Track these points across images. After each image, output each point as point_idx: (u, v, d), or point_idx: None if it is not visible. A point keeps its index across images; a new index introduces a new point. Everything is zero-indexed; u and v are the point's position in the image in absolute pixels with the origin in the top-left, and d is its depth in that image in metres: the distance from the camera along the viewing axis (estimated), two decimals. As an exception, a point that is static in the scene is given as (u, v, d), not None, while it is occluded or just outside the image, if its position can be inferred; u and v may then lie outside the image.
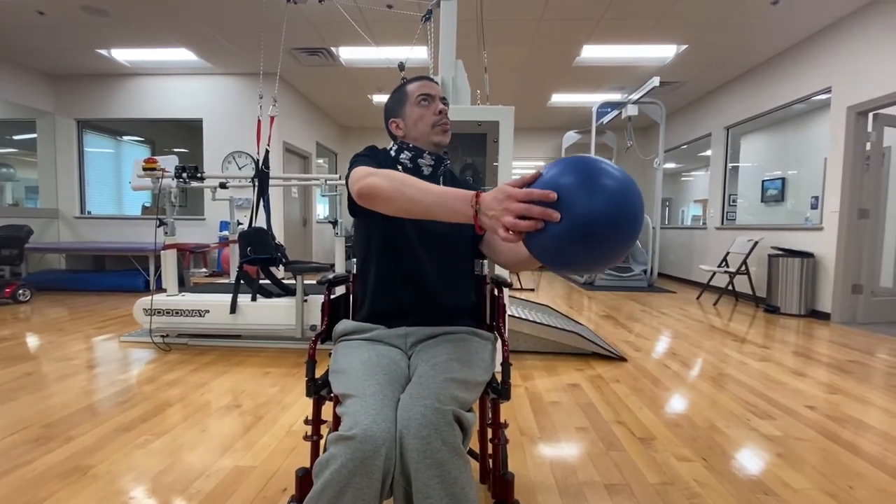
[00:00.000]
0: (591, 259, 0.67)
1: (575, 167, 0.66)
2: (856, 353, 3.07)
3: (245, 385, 2.28)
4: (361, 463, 0.74)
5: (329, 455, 0.76)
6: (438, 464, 0.76)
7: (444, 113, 1.10)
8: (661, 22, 4.32)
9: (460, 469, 0.78)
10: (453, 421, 0.80)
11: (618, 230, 0.65)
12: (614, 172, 0.67)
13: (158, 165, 3.01)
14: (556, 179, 0.66)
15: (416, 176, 1.07)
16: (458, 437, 0.80)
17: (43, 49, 5.16)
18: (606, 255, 0.66)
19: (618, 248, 0.66)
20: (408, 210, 0.80)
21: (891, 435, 1.84)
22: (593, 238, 0.64)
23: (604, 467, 1.55)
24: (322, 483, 0.74)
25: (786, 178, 6.93)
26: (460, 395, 0.86)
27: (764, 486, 1.45)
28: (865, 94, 3.89)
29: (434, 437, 0.77)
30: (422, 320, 1.11)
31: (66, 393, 2.13)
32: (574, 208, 0.64)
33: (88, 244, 5.73)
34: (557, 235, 0.65)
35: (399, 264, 1.10)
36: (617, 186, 0.65)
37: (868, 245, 4.06)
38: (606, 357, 2.85)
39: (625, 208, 0.65)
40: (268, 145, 3.07)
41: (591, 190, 0.64)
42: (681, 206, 12.26)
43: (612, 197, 0.64)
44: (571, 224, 0.64)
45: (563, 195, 0.64)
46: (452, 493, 0.76)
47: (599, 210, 0.63)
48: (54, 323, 3.58)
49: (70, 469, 1.47)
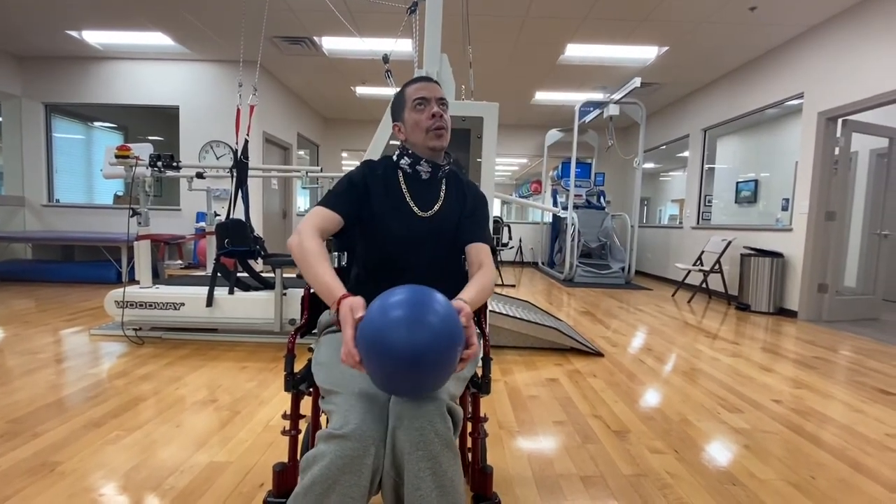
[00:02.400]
0: (403, 389, 0.78)
1: (365, 340, 0.75)
2: (820, 349, 3.21)
3: (221, 380, 2.24)
4: (351, 461, 0.74)
5: (318, 452, 0.76)
6: (430, 456, 0.77)
7: (437, 116, 1.07)
8: (643, 24, 4.39)
9: (450, 462, 0.79)
10: (446, 413, 0.81)
11: (402, 376, 0.74)
12: (392, 340, 0.73)
13: (132, 153, 2.91)
14: (358, 341, 0.77)
15: (415, 181, 1.12)
16: (451, 429, 0.81)
17: (9, 29, 4.92)
18: (410, 387, 0.77)
19: (418, 380, 0.75)
20: (306, 276, 0.95)
21: (851, 428, 1.93)
22: (393, 384, 0.77)
23: (580, 460, 1.58)
24: (310, 479, 0.74)
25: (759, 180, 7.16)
26: (451, 388, 0.87)
27: (732, 477, 1.50)
28: (836, 101, 4.04)
29: (428, 428, 0.77)
30: None
31: (33, 387, 2.05)
32: (368, 368, 0.77)
33: (57, 233, 5.50)
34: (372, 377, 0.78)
35: (386, 260, 1.10)
36: (391, 354, 0.73)
37: (834, 246, 4.23)
38: (584, 352, 2.90)
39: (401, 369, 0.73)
40: (247, 135, 3.00)
41: (372, 360, 0.75)
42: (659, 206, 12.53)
43: (388, 367, 0.74)
44: (371, 374, 0.77)
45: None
46: (442, 485, 0.77)
47: (383, 375, 0.75)
48: (20, 315, 3.44)
49: (37, 465, 1.42)
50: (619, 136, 8.86)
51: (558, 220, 7.90)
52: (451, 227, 1.13)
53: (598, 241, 7.28)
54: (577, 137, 6.73)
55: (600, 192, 7.85)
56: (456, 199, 1.16)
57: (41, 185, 5.97)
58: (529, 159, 9.88)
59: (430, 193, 1.13)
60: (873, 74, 3.70)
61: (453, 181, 1.19)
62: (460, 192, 1.18)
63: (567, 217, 6.68)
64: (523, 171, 13.28)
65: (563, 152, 8.42)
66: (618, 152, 8.39)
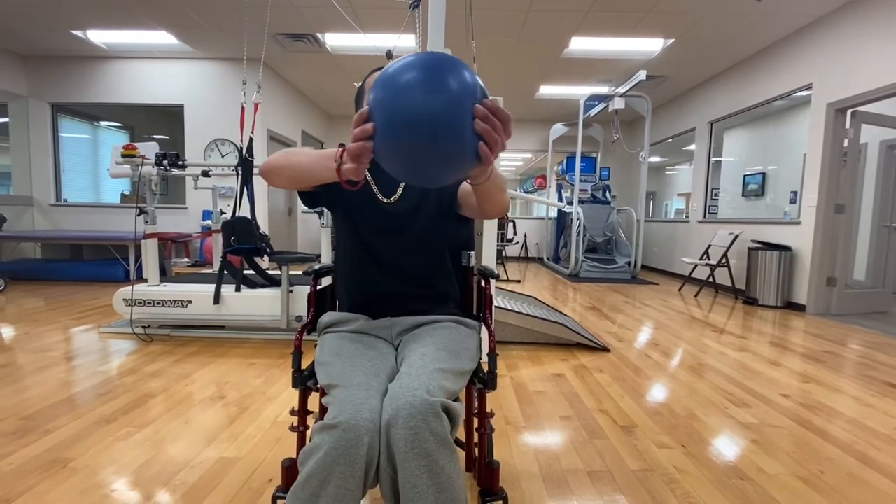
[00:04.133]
0: (416, 150, 0.65)
1: (378, 84, 0.66)
2: (829, 343, 3.18)
3: (229, 376, 2.26)
4: (345, 451, 0.75)
5: (314, 444, 0.77)
6: (426, 454, 0.77)
7: None
8: (647, 16, 4.34)
9: (447, 459, 0.79)
10: (441, 412, 0.81)
11: (413, 114, 0.63)
12: (405, 68, 0.64)
13: (138, 152, 2.93)
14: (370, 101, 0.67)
15: (377, 168, 1.11)
16: (447, 427, 0.81)
17: (15, 29, 4.95)
18: (422, 141, 0.64)
19: (431, 129, 0.63)
20: (295, 178, 0.86)
21: (860, 422, 1.91)
22: (396, 131, 0.64)
23: (586, 455, 1.58)
24: (307, 472, 0.75)
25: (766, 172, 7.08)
26: (448, 385, 0.87)
27: (739, 472, 1.50)
28: (845, 92, 3.98)
29: (422, 427, 0.77)
30: (403, 309, 1.11)
31: (44, 385, 2.08)
32: (376, 116, 0.65)
33: (65, 232, 5.56)
34: (377, 142, 0.66)
35: (370, 253, 1.11)
36: (407, 76, 0.63)
37: (843, 239, 4.19)
38: (590, 347, 2.90)
39: (411, 95, 0.62)
40: (252, 133, 3.01)
41: (387, 90, 0.64)
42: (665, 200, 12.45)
43: (398, 92, 0.63)
44: (378, 128, 0.65)
45: (372, 110, 0.66)
46: (439, 482, 0.77)
47: (399, 103, 0.63)
48: (30, 314, 3.48)
49: (49, 462, 1.44)
50: (625, 129, 8.79)
51: (563, 214, 7.87)
52: (423, 211, 1.12)
53: (603, 236, 7.24)
54: (581, 131, 6.68)
55: (605, 186, 7.80)
56: None
57: (49, 184, 6.01)
58: (534, 154, 9.83)
59: (393, 179, 1.12)
60: (883, 64, 3.64)
61: None
62: None
63: (572, 212, 6.65)
64: (528, 166, 13.23)
65: (567, 147, 8.38)
66: (623, 146, 8.33)
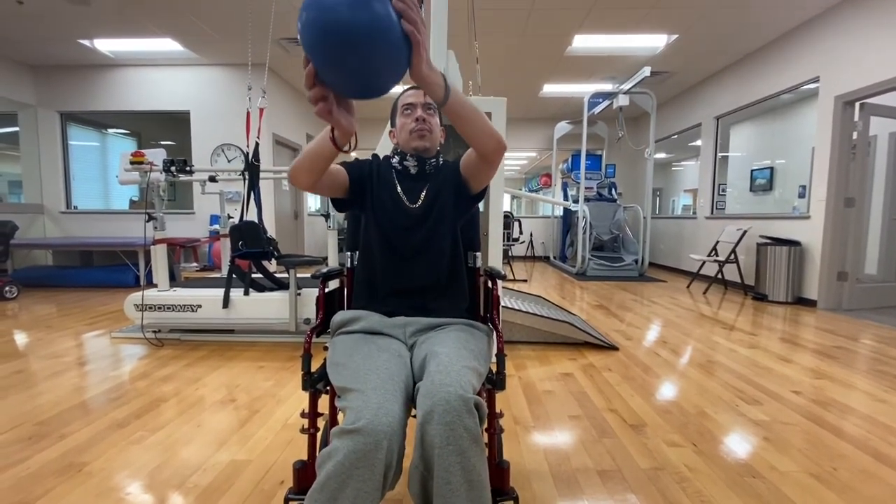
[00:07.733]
0: (348, 52, 0.69)
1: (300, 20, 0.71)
2: (841, 339, 3.14)
3: (239, 379, 2.27)
4: (364, 456, 0.76)
5: (332, 448, 0.78)
6: (460, 451, 0.79)
7: (421, 120, 1.17)
8: (651, 11, 4.31)
9: (478, 456, 0.81)
10: (474, 408, 0.82)
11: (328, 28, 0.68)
12: None
13: (146, 159, 2.96)
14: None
15: (406, 177, 1.21)
16: (478, 424, 0.83)
17: (23, 39, 5.03)
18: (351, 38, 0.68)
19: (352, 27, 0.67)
20: (310, 168, 0.95)
21: (873, 418, 1.89)
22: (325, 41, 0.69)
23: (596, 454, 1.58)
24: (325, 475, 0.76)
25: (774, 167, 7.01)
26: (475, 383, 0.89)
27: (752, 470, 1.48)
28: (853, 84, 3.93)
29: (458, 423, 0.79)
30: (418, 307, 1.14)
31: (58, 390, 2.11)
32: (307, 44, 0.71)
33: (76, 239, 5.63)
34: (320, 70, 0.73)
35: (392, 248, 1.16)
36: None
37: (853, 233, 4.13)
38: (598, 346, 2.89)
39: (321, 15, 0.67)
40: (257, 138, 3.04)
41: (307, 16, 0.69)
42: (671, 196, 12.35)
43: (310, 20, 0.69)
44: (314, 56, 0.71)
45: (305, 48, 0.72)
46: (470, 479, 0.79)
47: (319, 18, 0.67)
48: (43, 320, 3.53)
49: (65, 466, 1.47)
50: (630, 126, 8.75)
51: (569, 213, 7.84)
52: (438, 211, 1.18)
53: (610, 234, 7.21)
54: (586, 129, 6.66)
55: (611, 183, 7.76)
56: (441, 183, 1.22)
57: (59, 192, 6.10)
58: (539, 153, 9.80)
59: (418, 186, 1.21)
60: (890, 56, 3.59)
61: (434, 170, 1.25)
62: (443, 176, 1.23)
63: (578, 210, 6.62)
64: (532, 165, 13.19)
65: (572, 145, 8.34)
66: (628, 143, 8.29)
